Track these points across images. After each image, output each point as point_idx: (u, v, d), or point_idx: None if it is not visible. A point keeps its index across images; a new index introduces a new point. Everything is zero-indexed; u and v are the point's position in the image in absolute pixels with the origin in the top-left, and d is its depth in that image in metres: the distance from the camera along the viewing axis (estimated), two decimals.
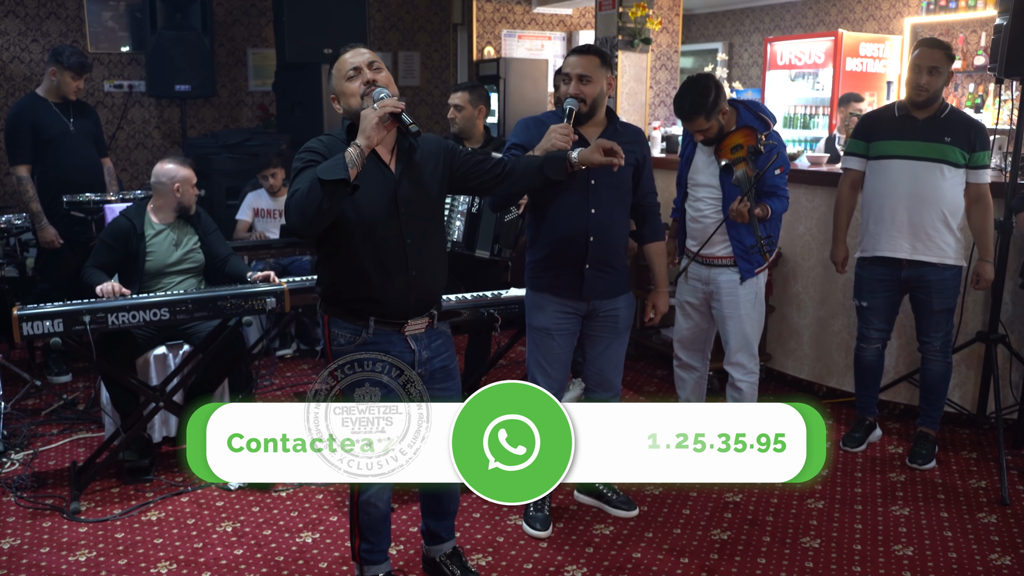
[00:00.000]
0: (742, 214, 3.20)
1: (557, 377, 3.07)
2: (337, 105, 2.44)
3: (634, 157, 3.01)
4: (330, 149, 2.35)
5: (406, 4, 7.85)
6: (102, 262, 3.73)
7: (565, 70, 2.97)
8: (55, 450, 3.84)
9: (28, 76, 6.45)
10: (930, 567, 2.91)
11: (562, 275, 2.99)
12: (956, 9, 6.85)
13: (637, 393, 4.61)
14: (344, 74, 2.38)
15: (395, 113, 2.27)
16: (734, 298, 3.40)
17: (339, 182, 2.18)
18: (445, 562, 2.77)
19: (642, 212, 3.14)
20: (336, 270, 2.43)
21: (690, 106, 3.23)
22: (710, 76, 3.32)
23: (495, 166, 2.59)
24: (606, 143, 2.59)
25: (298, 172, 2.33)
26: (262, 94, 7.31)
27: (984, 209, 3.51)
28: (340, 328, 2.44)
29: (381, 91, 2.33)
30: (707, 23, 9.85)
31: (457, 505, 2.77)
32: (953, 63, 3.53)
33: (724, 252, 3.39)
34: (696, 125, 3.26)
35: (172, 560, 2.94)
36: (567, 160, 2.60)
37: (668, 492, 3.45)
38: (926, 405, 3.72)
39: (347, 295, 2.42)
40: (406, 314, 2.44)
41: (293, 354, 5.27)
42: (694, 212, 3.46)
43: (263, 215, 5.30)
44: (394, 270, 2.40)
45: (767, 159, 3.24)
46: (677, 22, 7.24)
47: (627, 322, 3.12)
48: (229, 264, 3.92)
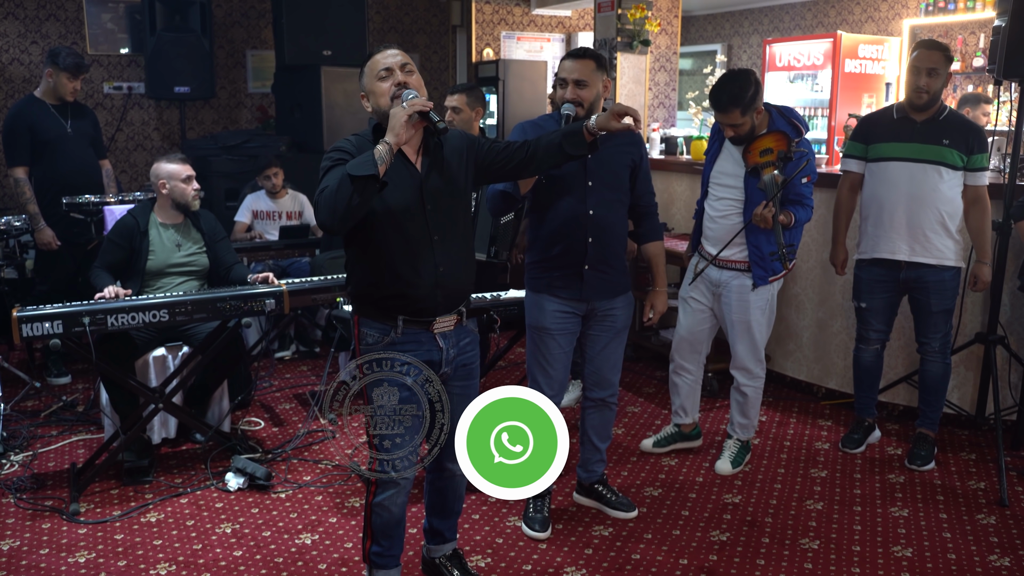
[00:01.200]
0: (766, 219, 3.17)
1: (557, 377, 3.08)
2: (366, 103, 2.46)
3: (630, 158, 3.02)
4: (359, 148, 2.37)
5: (405, 6, 7.85)
6: (110, 261, 3.74)
7: (561, 75, 2.96)
8: (54, 451, 3.84)
9: (27, 78, 6.46)
10: (929, 568, 2.91)
11: (561, 276, 2.99)
12: (955, 11, 6.86)
13: (636, 394, 4.61)
14: (376, 73, 2.39)
15: (423, 112, 2.29)
16: (744, 303, 3.40)
17: (368, 178, 2.21)
18: (445, 564, 2.77)
19: (640, 212, 3.14)
20: (365, 269, 2.44)
21: (728, 98, 3.20)
22: (751, 72, 3.29)
23: (519, 149, 2.57)
24: (620, 107, 2.54)
25: (327, 170, 2.35)
26: (261, 96, 7.31)
27: (982, 211, 3.51)
28: (369, 328, 2.45)
29: (410, 92, 2.35)
30: (706, 25, 9.86)
31: (462, 505, 2.76)
32: (952, 64, 3.54)
33: (739, 256, 3.38)
34: (730, 118, 3.23)
35: (171, 561, 2.94)
36: (584, 130, 2.55)
37: (667, 493, 3.45)
38: (925, 406, 3.73)
39: (377, 294, 2.43)
40: (435, 311, 2.45)
41: (292, 356, 5.27)
42: (713, 212, 3.45)
43: (262, 217, 5.31)
44: (422, 267, 2.41)
45: (796, 166, 3.21)
46: (676, 24, 7.25)
47: (625, 322, 3.12)
48: (233, 272, 3.92)
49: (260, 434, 4.06)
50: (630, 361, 5.06)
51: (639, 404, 4.46)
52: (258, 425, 4.16)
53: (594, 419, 3.23)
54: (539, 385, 3.07)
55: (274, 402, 4.49)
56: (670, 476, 3.61)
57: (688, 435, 3.81)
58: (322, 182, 2.32)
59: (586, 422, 3.25)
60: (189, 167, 3.90)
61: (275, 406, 4.43)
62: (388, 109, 2.36)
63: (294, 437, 3.95)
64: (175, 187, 3.84)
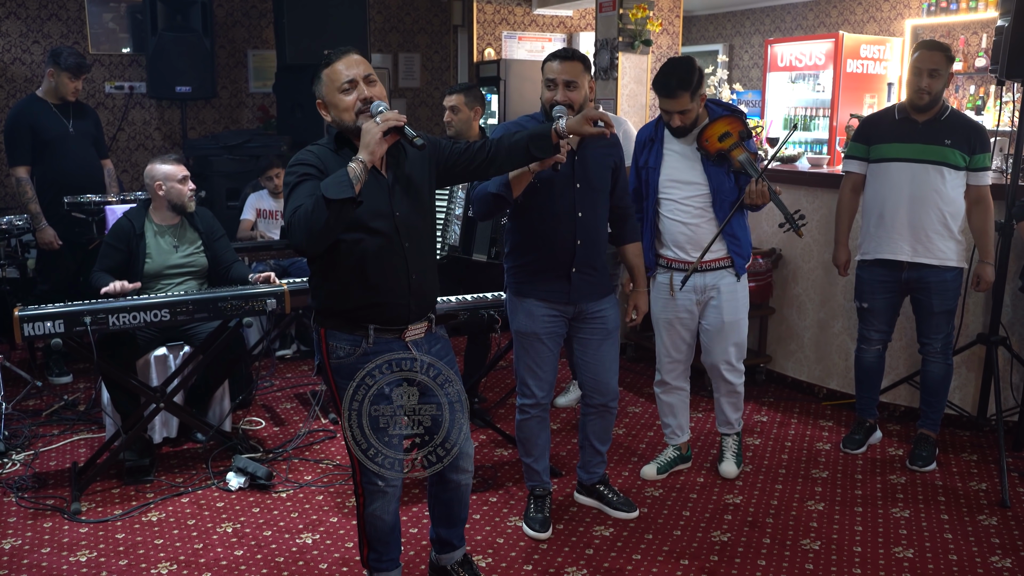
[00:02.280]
0: (763, 194, 3.10)
1: (547, 379, 3.08)
2: (325, 113, 2.37)
3: (612, 160, 3.02)
4: (322, 160, 2.32)
5: (406, 6, 7.85)
6: (109, 264, 3.73)
7: (549, 75, 2.90)
8: (56, 451, 3.84)
9: (29, 77, 6.46)
10: (930, 569, 2.90)
11: (548, 279, 2.97)
12: (957, 11, 6.85)
13: (636, 395, 4.60)
14: (338, 86, 2.31)
15: (398, 127, 2.24)
16: (734, 303, 3.37)
17: (346, 200, 2.15)
18: (456, 570, 2.75)
19: (619, 214, 3.13)
20: (334, 280, 2.39)
21: (676, 82, 3.13)
22: (692, 58, 3.23)
23: (480, 150, 2.53)
24: (593, 112, 2.53)
25: (293, 186, 2.29)
26: (262, 95, 7.31)
27: (984, 211, 3.51)
28: (338, 340, 2.39)
29: (379, 104, 2.28)
30: (707, 25, 9.85)
31: (467, 511, 2.73)
32: (953, 64, 3.53)
33: (720, 254, 3.32)
34: (679, 104, 3.15)
35: (172, 561, 2.94)
36: (553, 132, 2.51)
37: (668, 493, 3.45)
38: (926, 407, 3.72)
39: (347, 304, 2.38)
40: (407, 319, 2.42)
41: (293, 355, 5.27)
42: (681, 216, 3.29)
43: (265, 215, 5.31)
44: (395, 275, 2.38)
45: (752, 144, 3.19)
46: (677, 24, 7.23)
47: (615, 322, 3.12)
48: (233, 270, 3.92)
49: (261, 433, 4.06)
50: (630, 361, 5.06)
51: (640, 404, 4.46)
52: (259, 424, 4.16)
53: (595, 425, 3.21)
54: (530, 388, 3.07)
55: (275, 402, 4.49)
56: (671, 477, 3.60)
57: (685, 456, 3.69)
58: (291, 199, 2.26)
59: (587, 427, 3.23)
60: (184, 167, 3.88)
61: (276, 406, 4.43)
62: (353, 124, 2.30)
63: (295, 436, 3.95)
64: (172, 188, 3.82)
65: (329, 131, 2.43)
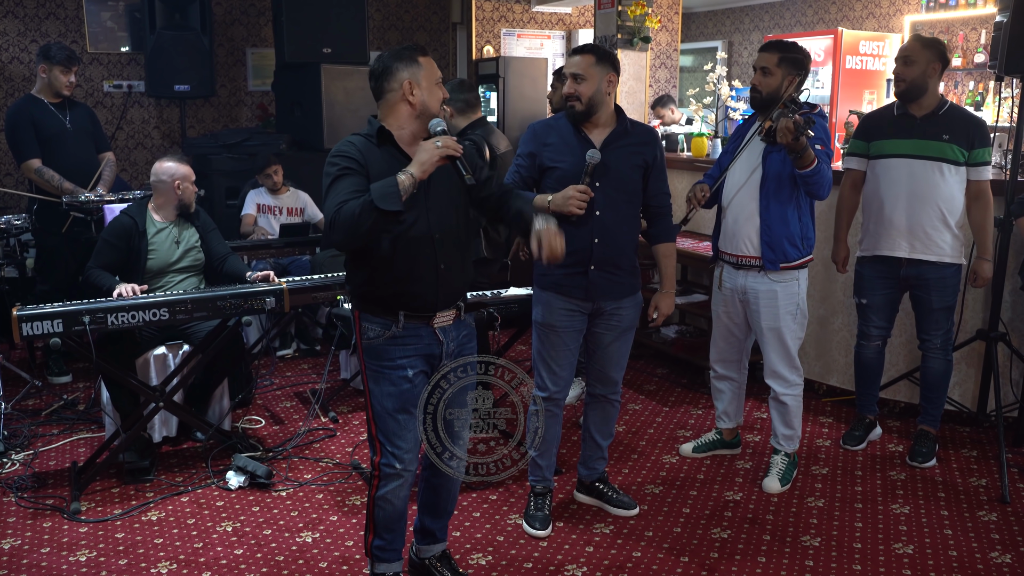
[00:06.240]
0: (789, 128, 2.90)
1: (562, 374, 3.07)
2: (412, 95, 2.40)
3: (642, 158, 3.00)
4: (364, 154, 2.37)
5: (405, 3, 7.84)
6: (106, 261, 3.72)
7: (564, 70, 2.99)
8: (55, 450, 3.84)
9: (27, 76, 6.45)
10: (930, 565, 2.91)
11: (567, 275, 2.98)
12: (956, 6, 6.85)
13: (637, 392, 4.60)
14: (436, 79, 2.45)
15: (453, 156, 2.32)
16: (773, 311, 3.33)
17: (393, 211, 2.24)
18: (435, 564, 2.77)
19: (652, 212, 3.12)
20: (366, 268, 2.46)
21: (774, 42, 3.24)
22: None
23: (503, 206, 2.62)
24: (555, 239, 2.47)
25: (335, 178, 2.34)
26: (261, 94, 7.30)
27: (984, 207, 3.50)
28: (370, 323, 2.47)
29: (439, 124, 2.41)
30: (706, 21, 9.85)
31: (454, 505, 2.77)
32: (931, 52, 3.44)
33: (755, 252, 3.30)
34: (767, 59, 3.20)
35: (172, 560, 2.94)
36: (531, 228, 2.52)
37: (668, 491, 3.45)
38: (926, 403, 3.72)
39: (378, 292, 2.45)
40: (435, 307, 2.48)
41: (293, 354, 5.27)
42: (732, 214, 3.35)
43: (264, 211, 5.32)
44: (424, 265, 2.43)
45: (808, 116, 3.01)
46: (676, 20, 7.24)
47: (632, 321, 3.11)
48: (227, 263, 3.92)
49: (261, 432, 4.06)
50: (631, 359, 5.05)
51: (640, 401, 4.46)
52: (259, 423, 4.16)
53: (595, 415, 3.23)
54: (543, 380, 3.07)
55: (275, 400, 4.49)
56: (671, 474, 3.60)
57: (729, 443, 3.75)
58: (332, 193, 2.32)
59: (588, 418, 3.25)
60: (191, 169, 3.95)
61: (276, 404, 4.43)
62: (434, 115, 2.42)
63: (295, 435, 3.95)
64: (187, 188, 3.86)
65: (371, 122, 2.47)
